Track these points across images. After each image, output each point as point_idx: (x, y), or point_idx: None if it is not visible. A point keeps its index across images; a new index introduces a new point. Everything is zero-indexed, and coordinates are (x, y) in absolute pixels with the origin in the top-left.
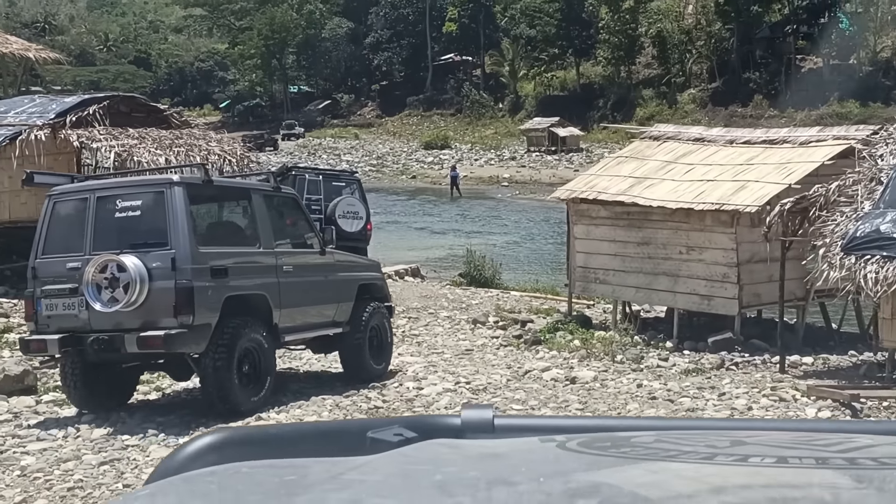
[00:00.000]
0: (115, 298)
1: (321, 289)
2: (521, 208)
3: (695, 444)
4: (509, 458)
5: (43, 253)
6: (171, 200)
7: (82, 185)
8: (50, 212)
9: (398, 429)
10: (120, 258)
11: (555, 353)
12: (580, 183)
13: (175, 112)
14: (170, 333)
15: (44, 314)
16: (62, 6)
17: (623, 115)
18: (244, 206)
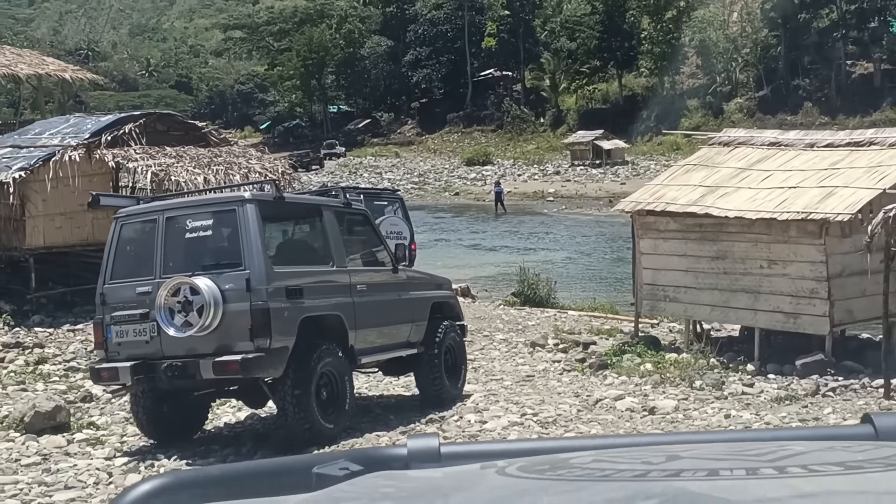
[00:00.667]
0: (189, 323)
1: (395, 308)
2: (570, 223)
3: (630, 461)
4: (446, 487)
5: (111, 278)
6: (244, 219)
7: (150, 206)
8: (117, 235)
9: (344, 462)
10: (193, 280)
11: (624, 379)
12: (646, 194)
13: (213, 129)
14: (247, 358)
15: (114, 341)
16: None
17: (667, 126)
18: (316, 223)
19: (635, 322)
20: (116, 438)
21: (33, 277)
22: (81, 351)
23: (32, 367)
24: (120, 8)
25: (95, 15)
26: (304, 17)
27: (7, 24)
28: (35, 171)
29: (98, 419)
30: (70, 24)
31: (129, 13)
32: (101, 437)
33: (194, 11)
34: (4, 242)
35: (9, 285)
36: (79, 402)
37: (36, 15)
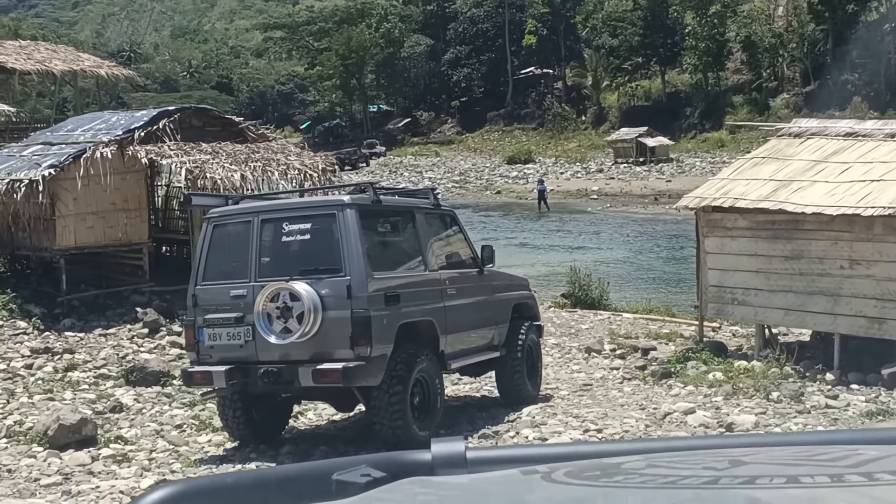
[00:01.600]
0: (289, 329)
1: (482, 311)
2: (616, 221)
3: (692, 466)
4: (493, 494)
5: (203, 279)
6: (344, 223)
7: (245, 208)
8: (209, 235)
9: (365, 469)
10: (293, 286)
11: (692, 389)
12: (711, 189)
13: (251, 125)
14: (348, 367)
15: (206, 344)
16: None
17: (712, 122)
18: (409, 225)
19: (699, 326)
20: (145, 455)
21: (64, 279)
22: (113, 357)
23: (61, 374)
24: (162, 10)
25: (137, 17)
26: (343, 16)
27: (51, 26)
28: (65, 169)
29: (127, 432)
30: (112, 27)
31: (171, 15)
32: (128, 454)
33: (235, 13)
34: (34, 243)
35: (39, 287)
36: (108, 413)
37: (79, 18)
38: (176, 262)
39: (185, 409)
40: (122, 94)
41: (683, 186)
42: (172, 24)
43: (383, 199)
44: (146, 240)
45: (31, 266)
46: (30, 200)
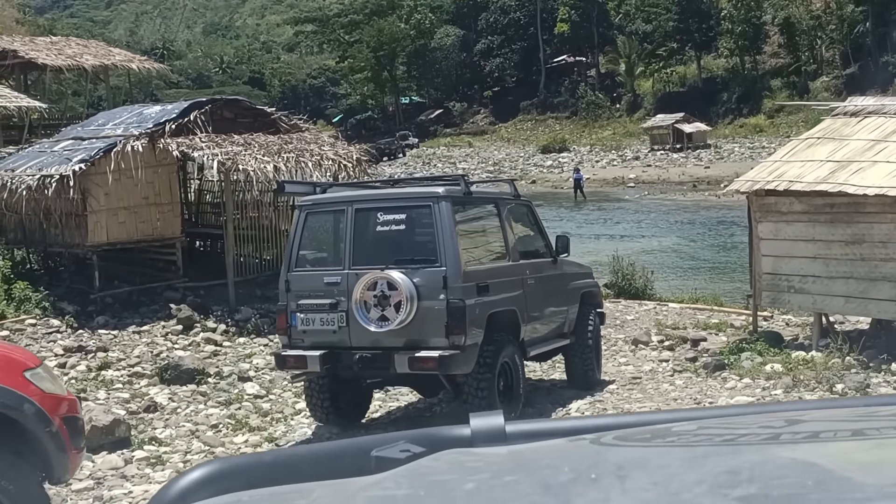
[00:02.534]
0: (386, 317)
1: (556, 299)
2: (655, 209)
3: (747, 426)
4: (541, 459)
5: (296, 266)
6: (439, 215)
7: (338, 197)
8: (302, 223)
9: (404, 444)
10: (391, 275)
11: (748, 382)
12: (764, 171)
13: (283, 115)
14: (444, 355)
15: (299, 329)
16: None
17: (750, 107)
18: (494, 216)
19: (753, 316)
20: (179, 457)
21: (97, 276)
22: (147, 355)
23: (95, 372)
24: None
25: (170, 15)
26: (374, 8)
27: (86, 26)
28: (96, 164)
29: (161, 432)
30: (146, 25)
31: (203, 12)
32: (162, 456)
33: (266, 8)
34: (67, 239)
35: (72, 285)
36: (141, 413)
37: (113, 17)
38: (209, 257)
39: (220, 409)
40: (155, 92)
41: (722, 172)
42: (204, 21)
43: (474, 190)
44: (179, 234)
45: (63, 263)
46: (61, 196)
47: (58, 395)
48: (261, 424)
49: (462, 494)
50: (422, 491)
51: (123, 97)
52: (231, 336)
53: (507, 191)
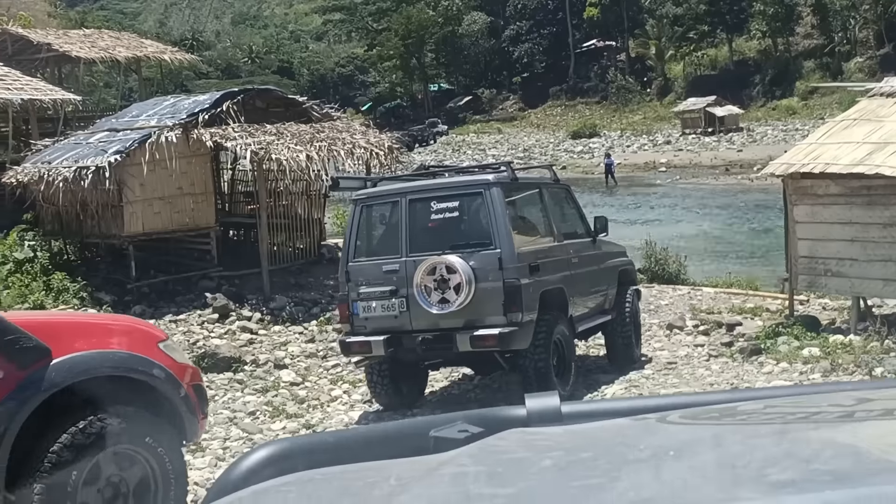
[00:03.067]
0: (446, 299)
1: (597, 278)
2: (687, 193)
3: (816, 405)
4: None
5: (355, 256)
6: (491, 200)
7: (391, 189)
8: (358, 216)
9: (462, 424)
10: (449, 259)
11: (785, 367)
12: (799, 154)
13: (315, 104)
14: (503, 332)
15: (361, 316)
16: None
17: (783, 90)
18: (538, 200)
19: (789, 300)
20: (218, 444)
21: (133, 266)
22: (183, 343)
23: None
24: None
25: (199, 6)
26: None
27: (116, 18)
28: (131, 155)
29: None
30: (175, 16)
31: (231, 2)
32: (201, 442)
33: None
34: (103, 230)
35: (109, 275)
36: None
37: (143, 8)
38: (243, 247)
39: (257, 396)
40: (186, 83)
41: (755, 156)
42: (233, 11)
43: (520, 176)
44: (213, 224)
45: (100, 253)
46: (97, 187)
47: (186, 365)
48: (298, 411)
49: (541, 470)
50: (499, 468)
51: (154, 88)
52: (266, 324)
53: (548, 176)
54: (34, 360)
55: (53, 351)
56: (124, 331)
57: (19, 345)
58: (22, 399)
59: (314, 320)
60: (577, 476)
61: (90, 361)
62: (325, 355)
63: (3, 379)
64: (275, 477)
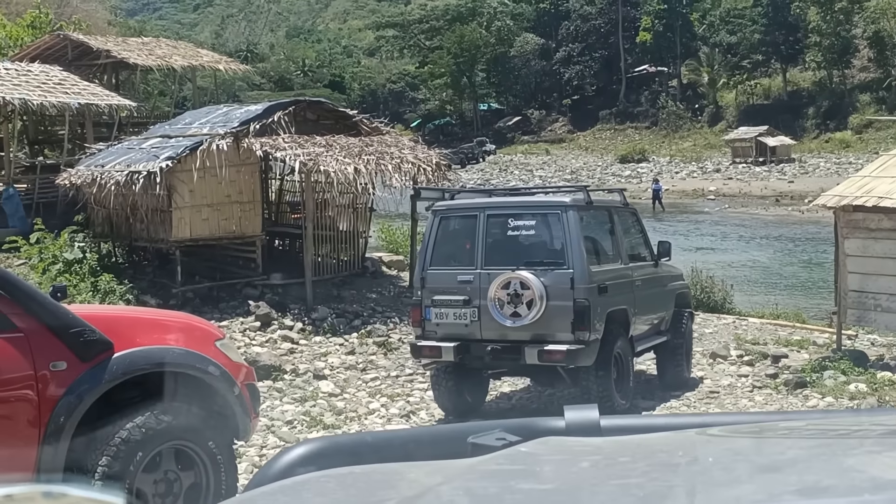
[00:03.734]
0: (518, 314)
1: (657, 300)
2: (735, 222)
3: (857, 425)
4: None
5: (431, 264)
6: (567, 222)
7: (471, 203)
8: (437, 226)
9: (500, 433)
10: (524, 275)
11: (831, 401)
12: (852, 187)
13: (365, 118)
14: (571, 349)
15: (432, 322)
16: (263, 36)
17: (837, 122)
18: (609, 223)
19: (837, 334)
20: (255, 451)
21: (179, 271)
22: None
23: None
24: (278, 11)
25: (255, 18)
26: (455, 14)
27: (173, 28)
28: (182, 161)
29: None
30: (231, 28)
31: (287, 16)
32: (238, 449)
33: (348, 13)
34: (151, 234)
35: (155, 279)
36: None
37: (199, 20)
38: (288, 256)
39: (296, 405)
40: (238, 93)
41: (807, 188)
42: (288, 25)
43: (595, 200)
44: (259, 233)
45: (147, 257)
46: (147, 192)
47: (240, 364)
48: (335, 422)
49: (580, 471)
50: (537, 467)
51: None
52: (307, 335)
53: (618, 199)
54: (97, 353)
55: (115, 345)
56: (183, 328)
57: (83, 337)
58: (83, 391)
59: (355, 333)
60: (615, 476)
61: (150, 356)
62: (365, 368)
63: (66, 370)
64: (314, 471)
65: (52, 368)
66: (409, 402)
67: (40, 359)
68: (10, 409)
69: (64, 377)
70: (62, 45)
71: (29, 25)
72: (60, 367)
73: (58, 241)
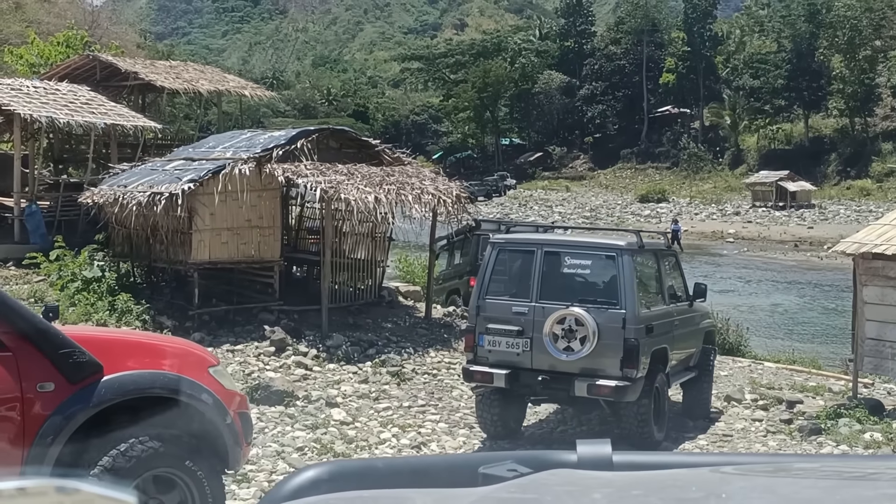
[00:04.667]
0: (571, 348)
1: (691, 337)
2: (753, 266)
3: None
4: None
5: (487, 294)
6: (622, 265)
7: (528, 238)
8: (494, 258)
9: (511, 464)
10: (580, 313)
11: (845, 449)
12: (872, 234)
13: (387, 147)
14: (619, 385)
15: (485, 348)
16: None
17: (858, 169)
18: (655, 265)
19: (853, 381)
20: (265, 476)
21: (196, 293)
22: (238, 373)
23: None
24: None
25: (282, 46)
26: (480, 49)
27: (201, 53)
28: (204, 184)
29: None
30: (258, 55)
31: (314, 45)
32: (248, 473)
33: (375, 44)
34: (171, 256)
35: (172, 300)
36: None
37: (227, 45)
38: (306, 283)
39: (307, 432)
40: (263, 119)
41: (826, 234)
42: (314, 54)
43: (646, 242)
44: (278, 258)
45: (165, 278)
46: (169, 213)
47: (234, 392)
48: (346, 450)
49: (591, 502)
50: (547, 498)
51: (232, 123)
52: (321, 361)
53: (661, 242)
54: (86, 376)
55: (105, 367)
56: (176, 353)
57: (73, 359)
58: (70, 414)
59: (369, 361)
60: None
61: (140, 381)
62: (377, 397)
63: (53, 392)
64: (323, 495)
65: (39, 389)
66: (420, 434)
67: (28, 379)
68: None
69: (51, 398)
70: (91, 66)
71: (62, 44)
72: (48, 389)
73: (78, 258)
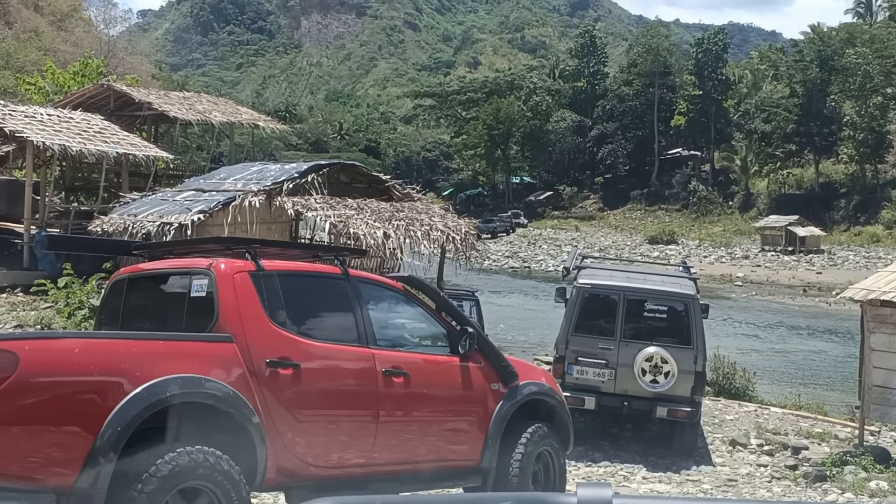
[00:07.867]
0: (656, 381)
1: None
2: (761, 310)
3: None
4: None
5: (575, 331)
6: (693, 311)
7: (612, 286)
8: (582, 299)
9: None
10: (664, 353)
11: (850, 497)
12: (880, 281)
13: (397, 183)
14: (690, 411)
15: (573, 376)
16: (303, 97)
17: (868, 216)
18: (704, 310)
19: (860, 429)
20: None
21: None
22: None
23: None
24: (319, 75)
25: (296, 80)
26: (493, 88)
27: (216, 84)
28: (214, 215)
29: None
30: (272, 88)
31: (327, 80)
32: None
33: (388, 80)
34: None
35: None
36: None
37: (242, 78)
38: None
39: None
40: (275, 152)
41: (835, 279)
42: (328, 88)
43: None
44: None
45: None
46: None
47: None
48: None
49: None
50: None
51: (244, 154)
52: None
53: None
54: (513, 380)
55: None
56: (538, 370)
57: (507, 369)
58: (507, 407)
59: None
60: None
61: (541, 389)
62: None
63: (498, 391)
64: None
65: (492, 388)
66: None
67: (489, 381)
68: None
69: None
70: (105, 95)
71: (77, 73)
72: (496, 388)
73: (86, 286)
